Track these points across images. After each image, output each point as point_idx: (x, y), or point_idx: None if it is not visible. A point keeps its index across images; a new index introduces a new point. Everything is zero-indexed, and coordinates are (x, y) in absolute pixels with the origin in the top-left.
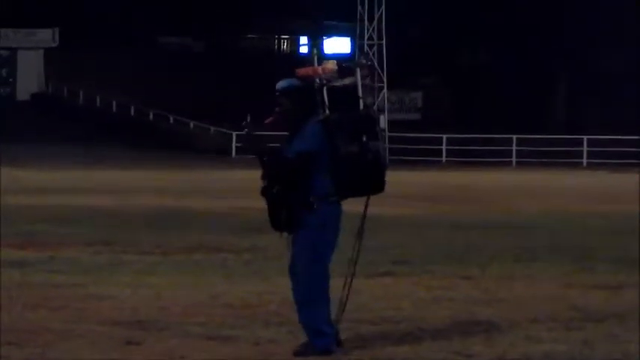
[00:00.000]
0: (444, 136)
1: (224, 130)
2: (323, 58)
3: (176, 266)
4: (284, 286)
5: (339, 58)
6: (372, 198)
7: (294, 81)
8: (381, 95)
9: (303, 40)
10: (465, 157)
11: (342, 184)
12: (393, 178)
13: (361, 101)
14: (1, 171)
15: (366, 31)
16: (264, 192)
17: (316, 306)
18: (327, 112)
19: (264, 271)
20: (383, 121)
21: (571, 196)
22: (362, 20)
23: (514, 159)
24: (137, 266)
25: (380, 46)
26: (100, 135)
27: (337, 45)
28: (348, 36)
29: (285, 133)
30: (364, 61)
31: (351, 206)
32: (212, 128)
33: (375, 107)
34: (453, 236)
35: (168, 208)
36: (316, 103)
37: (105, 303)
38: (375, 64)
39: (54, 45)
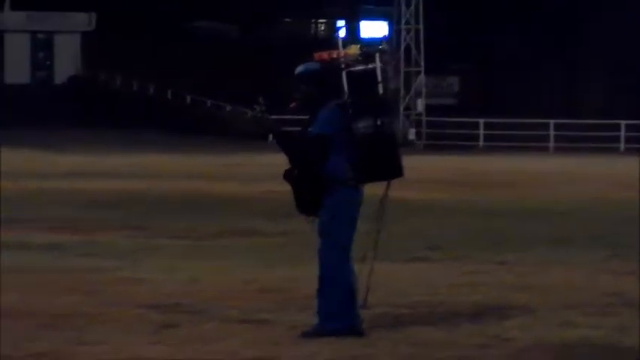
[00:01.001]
0: (481, 121)
1: (260, 115)
2: (347, 41)
3: (211, 250)
4: (312, 271)
5: (369, 42)
6: (407, 183)
7: (311, 65)
8: (418, 80)
9: (340, 23)
10: (501, 142)
11: (359, 167)
12: (429, 162)
13: (380, 86)
14: (38, 154)
15: (403, 15)
16: (286, 175)
17: (331, 289)
18: (346, 96)
19: (299, 255)
20: (420, 105)
21: (607, 182)
22: (399, 4)
23: (551, 144)
24: (172, 250)
25: (417, 30)
26: (136, 119)
27: (374, 29)
28: (385, 20)
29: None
30: (383, 47)
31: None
32: (249, 112)
33: (396, 92)
34: (488, 222)
35: (204, 193)
36: (334, 87)
37: (140, 287)
38: (401, 48)
39: (90, 29)
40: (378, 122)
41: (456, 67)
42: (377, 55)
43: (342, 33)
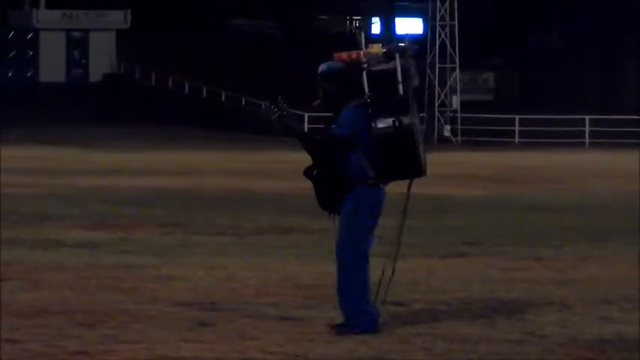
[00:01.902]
0: (517, 117)
1: (297, 112)
2: (376, 39)
3: (248, 247)
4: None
5: (409, 37)
6: (443, 179)
7: (334, 64)
8: (454, 76)
9: (375, 20)
10: (537, 138)
11: (379, 165)
12: (466, 158)
13: (400, 85)
14: (73, 152)
15: (437, 11)
16: (307, 172)
17: (354, 286)
18: (366, 95)
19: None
20: (455, 101)
21: None
22: (434, 0)
23: (587, 140)
24: (209, 247)
25: (452, 26)
26: (171, 116)
27: (409, 25)
28: (420, 16)
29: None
30: (403, 45)
31: (418, 189)
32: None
33: (419, 91)
34: (525, 217)
35: (240, 190)
36: (356, 86)
37: (177, 284)
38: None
39: (125, 26)
40: (397, 122)
41: (492, 62)
42: (397, 54)
43: (377, 28)
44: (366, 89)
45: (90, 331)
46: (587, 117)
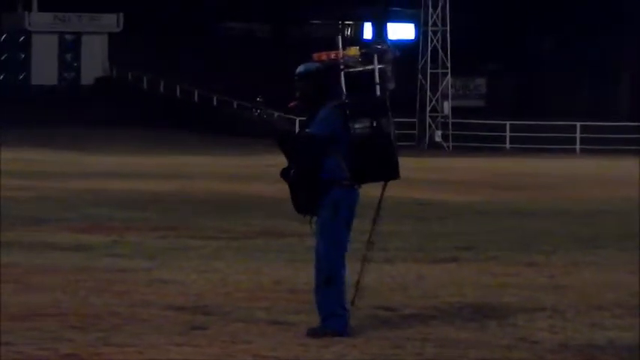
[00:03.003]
0: (508, 123)
1: (288, 116)
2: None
3: (240, 251)
4: (351, 271)
5: (389, 42)
6: (434, 185)
7: (311, 65)
8: (445, 81)
9: (368, 26)
10: (528, 144)
11: (355, 166)
12: (457, 164)
13: (377, 87)
14: (65, 155)
15: (430, 17)
16: (283, 174)
17: (330, 288)
18: (344, 96)
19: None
20: (447, 107)
21: (635, 183)
22: (426, 6)
23: (578, 146)
24: (202, 251)
25: (444, 32)
26: (163, 120)
27: (402, 31)
28: (412, 22)
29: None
30: (381, 47)
31: (409, 194)
32: (275, 114)
33: (389, 93)
34: (517, 223)
35: (233, 194)
36: (333, 88)
37: (170, 288)
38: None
39: (118, 30)
40: (374, 124)
41: (484, 68)
42: (375, 56)
43: (369, 33)
44: (344, 91)
45: (82, 334)
46: (578, 123)
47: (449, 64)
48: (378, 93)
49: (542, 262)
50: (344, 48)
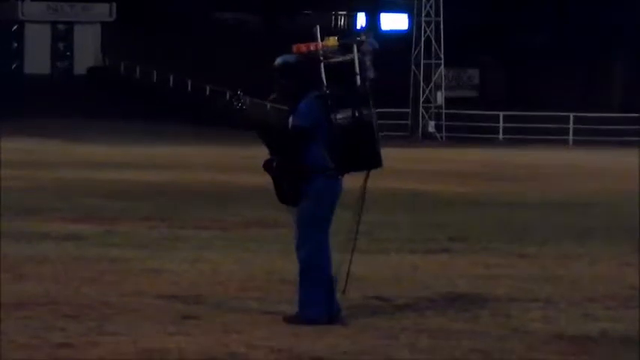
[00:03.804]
0: (501, 114)
1: (280, 107)
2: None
3: (233, 241)
4: (340, 261)
5: (367, 32)
6: (428, 176)
7: (290, 57)
8: (438, 72)
9: (361, 16)
10: (521, 135)
11: (338, 157)
12: (450, 155)
13: (357, 77)
14: (58, 144)
15: (423, 7)
16: (266, 165)
17: (312, 277)
18: (325, 87)
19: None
20: (440, 97)
21: (628, 175)
22: None
23: (571, 137)
24: (194, 241)
25: (437, 22)
26: (156, 110)
27: (395, 21)
28: (405, 12)
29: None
30: (359, 38)
31: (402, 185)
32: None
33: (372, 82)
34: (510, 214)
35: (225, 184)
36: (312, 79)
37: (162, 277)
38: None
39: (111, 19)
40: (356, 113)
41: (477, 59)
42: (354, 46)
43: (362, 23)
44: (324, 81)
45: (74, 324)
46: (571, 114)
47: (442, 55)
48: (359, 83)
49: (534, 253)
50: (322, 39)
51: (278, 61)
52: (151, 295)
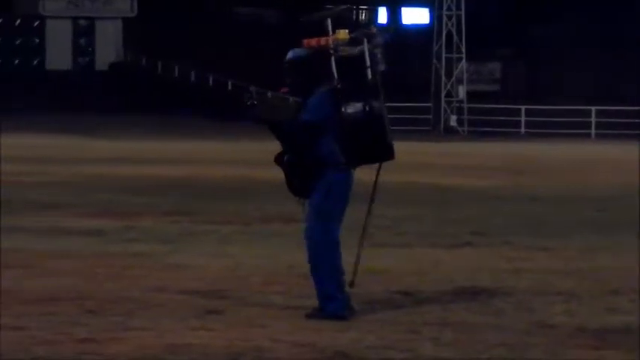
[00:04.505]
0: (522, 108)
1: (301, 101)
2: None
3: (254, 236)
4: (362, 256)
5: (378, 25)
6: (450, 169)
7: (301, 51)
8: (460, 66)
9: (382, 10)
10: (543, 129)
11: (348, 150)
12: (472, 149)
13: (368, 70)
14: (79, 140)
15: (444, 1)
16: (277, 159)
17: (325, 271)
18: (335, 81)
19: (343, 241)
20: (462, 92)
21: None
22: None
23: (593, 131)
24: (215, 236)
25: (459, 16)
26: (177, 105)
27: (416, 15)
28: (426, 6)
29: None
30: (371, 31)
31: (425, 179)
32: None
33: (379, 75)
34: (532, 208)
35: (246, 179)
36: (323, 73)
37: (184, 272)
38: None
39: (132, 15)
40: (367, 107)
41: (498, 53)
42: (365, 39)
43: (384, 18)
44: (335, 75)
45: (97, 319)
46: (593, 108)
47: (463, 49)
48: (369, 76)
49: (556, 246)
50: (333, 32)
51: (289, 55)
52: (173, 290)
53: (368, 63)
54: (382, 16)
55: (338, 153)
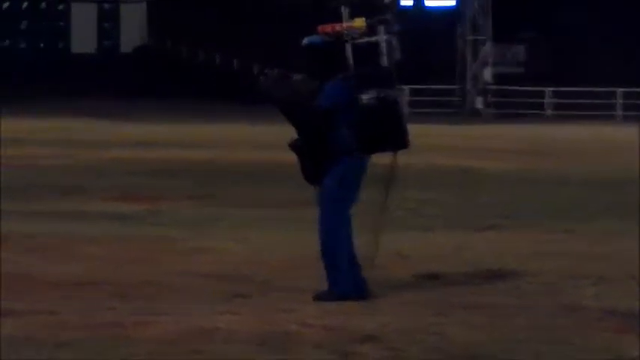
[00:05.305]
0: (547, 90)
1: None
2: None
3: (278, 220)
4: (386, 240)
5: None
6: (476, 152)
7: (317, 38)
8: (484, 49)
9: None
10: (568, 111)
11: (363, 137)
12: (497, 131)
13: (384, 58)
14: (103, 123)
15: None
16: (292, 145)
17: (334, 255)
18: (351, 68)
19: (364, 226)
20: (487, 74)
21: None
22: None
23: (619, 112)
24: (238, 220)
25: None
26: (202, 89)
27: None
28: None
29: None
30: (386, 18)
31: (450, 161)
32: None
33: (395, 63)
34: (557, 191)
35: (269, 162)
36: (339, 60)
37: (209, 256)
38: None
39: None
40: (382, 94)
41: (523, 35)
42: (381, 27)
43: (408, 1)
44: (351, 62)
45: (123, 303)
46: (618, 89)
47: (489, 31)
48: (385, 64)
49: (582, 230)
50: (351, 19)
51: (304, 41)
52: (198, 274)
53: (384, 51)
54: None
55: (352, 140)
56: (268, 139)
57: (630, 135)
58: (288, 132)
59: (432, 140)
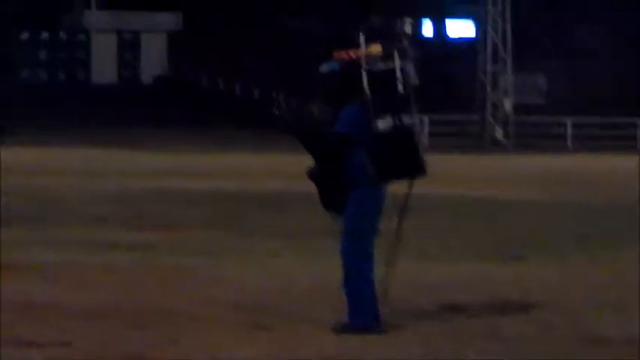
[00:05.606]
0: (569, 121)
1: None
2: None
3: (301, 250)
4: (410, 270)
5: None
6: (498, 183)
7: (333, 65)
8: (505, 79)
9: (427, 22)
10: (589, 142)
11: (380, 165)
12: (518, 161)
13: (399, 84)
14: (125, 153)
15: (489, 14)
16: (309, 173)
17: (356, 286)
18: (367, 95)
19: (383, 256)
20: (507, 104)
21: None
22: (485, 3)
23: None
24: (261, 249)
25: (504, 29)
26: (223, 119)
27: (461, 28)
28: (472, 18)
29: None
30: (401, 45)
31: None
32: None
33: (412, 89)
34: (581, 220)
35: (294, 192)
36: (355, 86)
37: (231, 286)
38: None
39: (177, 28)
40: (398, 121)
41: (544, 64)
42: (395, 52)
43: (429, 31)
44: (367, 89)
45: (144, 333)
46: (638, 120)
47: (509, 62)
48: (401, 90)
49: (606, 259)
50: (367, 45)
51: (322, 68)
52: (220, 303)
53: (400, 77)
54: (427, 28)
55: (369, 168)
56: (290, 169)
57: None
58: (308, 161)
59: (453, 170)
